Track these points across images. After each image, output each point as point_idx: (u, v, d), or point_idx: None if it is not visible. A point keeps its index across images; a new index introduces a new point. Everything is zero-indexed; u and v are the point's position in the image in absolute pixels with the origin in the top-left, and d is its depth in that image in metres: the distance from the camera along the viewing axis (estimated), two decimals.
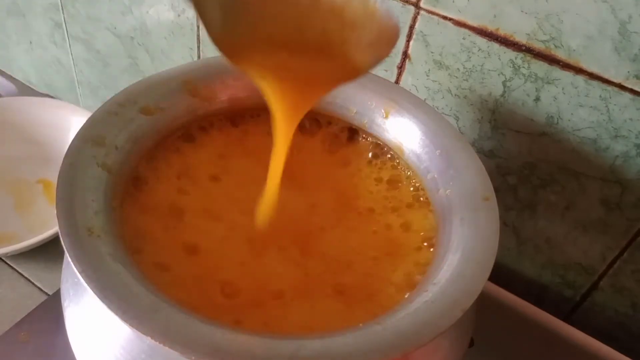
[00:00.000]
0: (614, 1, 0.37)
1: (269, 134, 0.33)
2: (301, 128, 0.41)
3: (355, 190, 0.38)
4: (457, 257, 0.30)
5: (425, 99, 0.48)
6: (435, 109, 0.42)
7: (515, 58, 0.42)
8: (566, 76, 0.41)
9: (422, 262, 0.34)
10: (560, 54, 0.40)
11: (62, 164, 0.31)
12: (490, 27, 0.42)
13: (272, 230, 0.35)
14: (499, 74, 0.43)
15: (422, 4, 0.44)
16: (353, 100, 0.40)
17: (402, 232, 0.36)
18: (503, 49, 0.42)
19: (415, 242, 0.35)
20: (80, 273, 0.26)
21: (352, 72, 0.27)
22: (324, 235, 0.35)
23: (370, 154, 0.40)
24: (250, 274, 0.33)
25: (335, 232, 0.36)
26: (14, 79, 0.88)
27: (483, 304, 0.33)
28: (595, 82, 0.40)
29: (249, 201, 0.35)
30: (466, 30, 0.43)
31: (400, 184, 0.38)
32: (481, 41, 0.43)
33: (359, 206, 0.37)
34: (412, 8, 0.44)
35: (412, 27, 0.45)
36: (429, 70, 0.47)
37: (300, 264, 0.34)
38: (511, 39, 0.41)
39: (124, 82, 0.72)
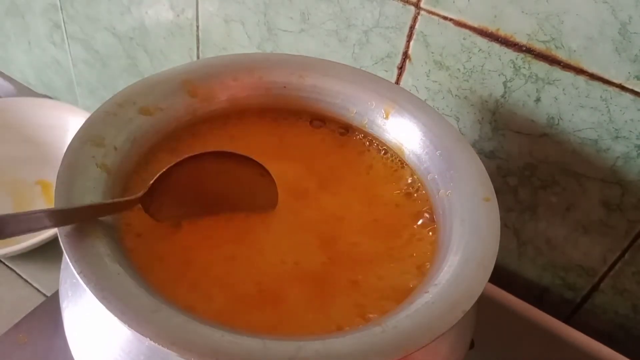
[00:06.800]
0: (614, 2, 0.36)
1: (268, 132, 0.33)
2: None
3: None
4: (458, 259, 0.30)
5: (425, 100, 0.48)
6: (436, 109, 0.42)
7: (516, 59, 0.42)
8: (567, 77, 0.41)
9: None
10: (561, 55, 0.40)
11: (60, 165, 0.30)
12: (491, 28, 0.42)
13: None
14: (499, 75, 0.43)
15: (422, 4, 0.44)
16: (353, 100, 0.40)
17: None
18: (503, 49, 0.42)
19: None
20: (78, 274, 0.26)
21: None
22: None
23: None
24: (251, 269, 0.33)
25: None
26: (13, 79, 0.87)
27: (484, 306, 0.33)
28: (595, 83, 0.40)
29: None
30: (467, 31, 0.43)
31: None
32: (482, 41, 0.43)
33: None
34: (412, 8, 0.44)
35: (412, 28, 0.45)
36: (429, 70, 0.47)
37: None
38: (512, 39, 0.41)
39: (122, 82, 0.72)
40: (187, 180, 0.33)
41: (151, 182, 0.32)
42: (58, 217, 0.28)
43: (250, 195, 0.35)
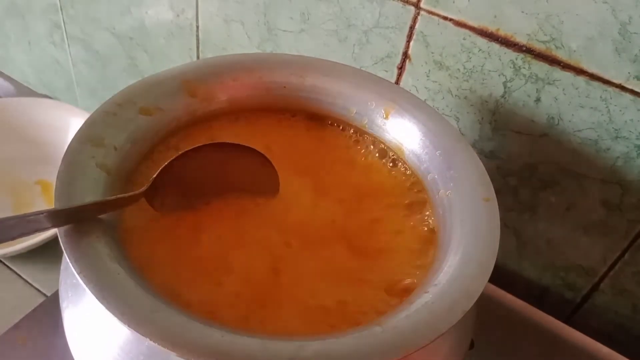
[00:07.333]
0: (614, 2, 0.36)
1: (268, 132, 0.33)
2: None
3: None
4: (458, 259, 0.30)
5: (425, 100, 0.48)
6: (436, 109, 0.42)
7: (516, 59, 0.42)
8: (567, 77, 0.41)
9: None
10: (561, 55, 0.40)
11: (60, 165, 0.30)
12: (491, 28, 0.42)
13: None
14: (499, 75, 0.43)
15: (422, 4, 0.44)
16: (353, 100, 0.40)
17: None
18: (503, 49, 0.42)
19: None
20: (78, 274, 0.26)
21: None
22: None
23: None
24: (254, 269, 0.33)
25: None
26: (13, 79, 0.87)
27: (483, 306, 0.33)
28: (595, 83, 0.40)
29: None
30: (466, 31, 0.43)
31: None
32: (481, 42, 0.43)
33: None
34: (412, 8, 0.44)
35: (412, 28, 0.45)
36: (429, 70, 0.47)
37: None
38: (511, 39, 0.41)
39: (122, 82, 0.72)
40: (189, 173, 0.33)
41: (154, 175, 0.32)
42: (61, 216, 0.28)
43: (252, 184, 0.36)
